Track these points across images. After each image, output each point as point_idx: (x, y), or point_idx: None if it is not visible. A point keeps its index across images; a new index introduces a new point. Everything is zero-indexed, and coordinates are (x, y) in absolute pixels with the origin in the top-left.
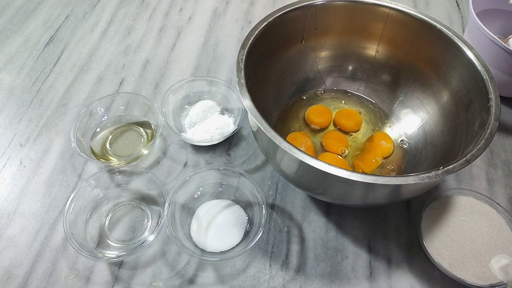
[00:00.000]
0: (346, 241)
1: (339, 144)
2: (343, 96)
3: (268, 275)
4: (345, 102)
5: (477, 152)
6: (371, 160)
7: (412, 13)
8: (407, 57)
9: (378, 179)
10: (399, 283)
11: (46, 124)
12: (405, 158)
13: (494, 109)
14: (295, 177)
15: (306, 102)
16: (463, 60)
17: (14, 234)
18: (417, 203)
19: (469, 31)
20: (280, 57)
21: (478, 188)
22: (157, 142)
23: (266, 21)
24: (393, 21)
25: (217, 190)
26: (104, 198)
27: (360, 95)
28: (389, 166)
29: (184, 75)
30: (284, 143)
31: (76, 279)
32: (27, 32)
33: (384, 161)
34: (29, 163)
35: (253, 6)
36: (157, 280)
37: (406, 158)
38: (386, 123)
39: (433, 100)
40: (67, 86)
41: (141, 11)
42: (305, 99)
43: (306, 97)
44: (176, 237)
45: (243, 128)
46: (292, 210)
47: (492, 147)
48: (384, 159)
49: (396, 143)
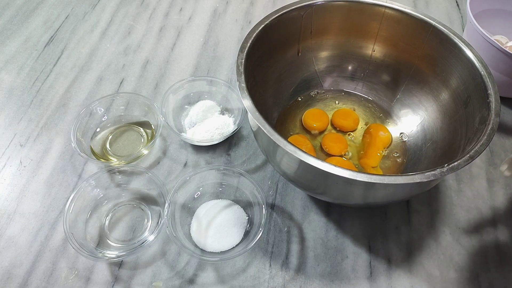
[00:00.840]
0: (346, 241)
1: (340, 145)
2: (341, 96)
3: (268, 275)
4: (343, 102)
5: (480, 148)
6: (375, 154)
7: (407, 11)
8: (403, 55)
9: (384, 178)
10: (399, 283)
11: (46, 124)
12: (405, 146)
13: (494, 105)
14: (295, 177)
15: (304, 103)
16: (460, 57)
17: (14, 234)
18: (417, 203)
19: (467, 32)
20: (278, 59)
21: (478, 188)
22: (157, 142)
23: (263, 23)
24: (388, 20)
25: (217, 190)
26: (104, 198)
27: (358, 94)
28: (394, 154)
29: (184, 75)
30: (285, 142)
31: (76, 279)
32: (27, 32)
33: (387, 151)
34: (29, 163)
35: (253, 6)
36: (157, 280)
37: (406, 146)
38: (385, 122)
39: (431, 97)
40: (67, 86)
41: (141, 11)
42: (302, 100)
43: (304, 98)
44: (176, 237)
45: (243, 128)
46: (292, 210)
47: (492, 147)
48: (386, 148)
49: (396, 141)
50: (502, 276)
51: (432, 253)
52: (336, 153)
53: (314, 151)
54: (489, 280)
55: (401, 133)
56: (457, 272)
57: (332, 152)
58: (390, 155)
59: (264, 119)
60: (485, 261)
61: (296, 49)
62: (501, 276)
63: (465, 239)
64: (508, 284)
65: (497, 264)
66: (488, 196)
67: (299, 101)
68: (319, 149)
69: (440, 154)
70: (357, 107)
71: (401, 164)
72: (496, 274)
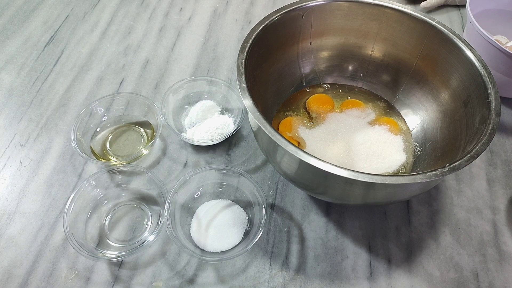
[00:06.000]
0: (346, 241)
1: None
2: (345, 93)
3: (268, 275)
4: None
5: (481, 148)
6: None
7: (407, 11)
8: (403, 55)
9: (385, 178)
10: (399, 283)
11: (46, 124)
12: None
13: (494, 104)
14: (295, 177)
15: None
16: (459, 57)
17: (14, 234)
18: (417, 203)
19: (467, 32)
20: (278, 59)
21: (478, 188)
22: (157, 142)
23: (263, 23)
24: (388, 20)
25: (217, 190)
26: (104, 198)
27: (359, 92)
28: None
29: (184, 75)
30: (285, 142)
31: (76, 279)
32: (27, 32)
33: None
34: (29, 163)
35: (253, 6)
36: (157, 280)
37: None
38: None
39: (431, 97)
40: (67, 86)
41: (141, 11)
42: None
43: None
44: (176, 237)
45: (243, 128)
46: (292, 210)
47: (492, 147)
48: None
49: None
50: (502, 276)
51: (432, 253)
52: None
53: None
54: (489, 280)
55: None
56: (457, 272)
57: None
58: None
59: (264, 119)
60: (485, 261)
61: (296, 49)
62: (501, 276)
63: (465, 239)
64: (508, 284)
65: (497, 264)
66: (488, 196)
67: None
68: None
69: (440, 154)
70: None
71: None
72: (496, 274)
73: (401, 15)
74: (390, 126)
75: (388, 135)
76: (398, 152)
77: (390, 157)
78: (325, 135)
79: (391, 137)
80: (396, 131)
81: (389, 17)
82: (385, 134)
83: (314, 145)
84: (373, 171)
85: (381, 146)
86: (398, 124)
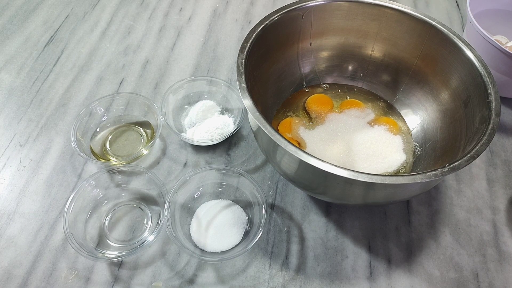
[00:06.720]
0: (346, 241)
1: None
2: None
3: (268, 275)
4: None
5: (481, 148)
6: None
7: (407, 11)
8: (403, 55)
9: (385, 178)
10: (399, 283)
11: (46, 124)
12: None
13: (494, 104)
14: (295, 177)
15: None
16: (459, 57)
17: (14, 234)
18: (417, 203)
19: (467, 32)
20: (278, 59)
21: (478, 188)
22: (157, 142)
23: (263, 23)
24: (388, 20)
25: (217, 190)
26: (104, 198)
27: (359, 92)
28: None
29: (184, 75)
30: (285, 142)
31: (76, 279)
32: (27, 32)
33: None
34: (29, 163)
35: (253, 6)
36: (157, 280)
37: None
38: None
39: (431, 97)
40: (67, 86)
41: (141, 11)
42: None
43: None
44: (176, 237)
45: (243, 128)
46: (292, 210)
47: (492, 147)
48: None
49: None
50: (502, 276)
51: (432, 253)
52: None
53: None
54: (489, 280)
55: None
56: (457, 272)
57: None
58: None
59: (264, 119)
60: (485, 261)
61: (296, 49)
62: (501, 276)
63: (465, 239)
64: (508, 284)
65: (497, 264)
66: (488, 196)
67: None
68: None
69: (440, 154)
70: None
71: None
72: (496, 274)
73: (401, 15)
74: (390, 126)
75: (388, 135)
76: (398, 152)
77: (390, 157)
78: (325, 135)
79: (391, 137)
80: (396, 131)
81: (389, 17)
82: (385, 134)
83: (314, 145)
84: (373, 171)
85: (381, 146)
86: (398, 124)
